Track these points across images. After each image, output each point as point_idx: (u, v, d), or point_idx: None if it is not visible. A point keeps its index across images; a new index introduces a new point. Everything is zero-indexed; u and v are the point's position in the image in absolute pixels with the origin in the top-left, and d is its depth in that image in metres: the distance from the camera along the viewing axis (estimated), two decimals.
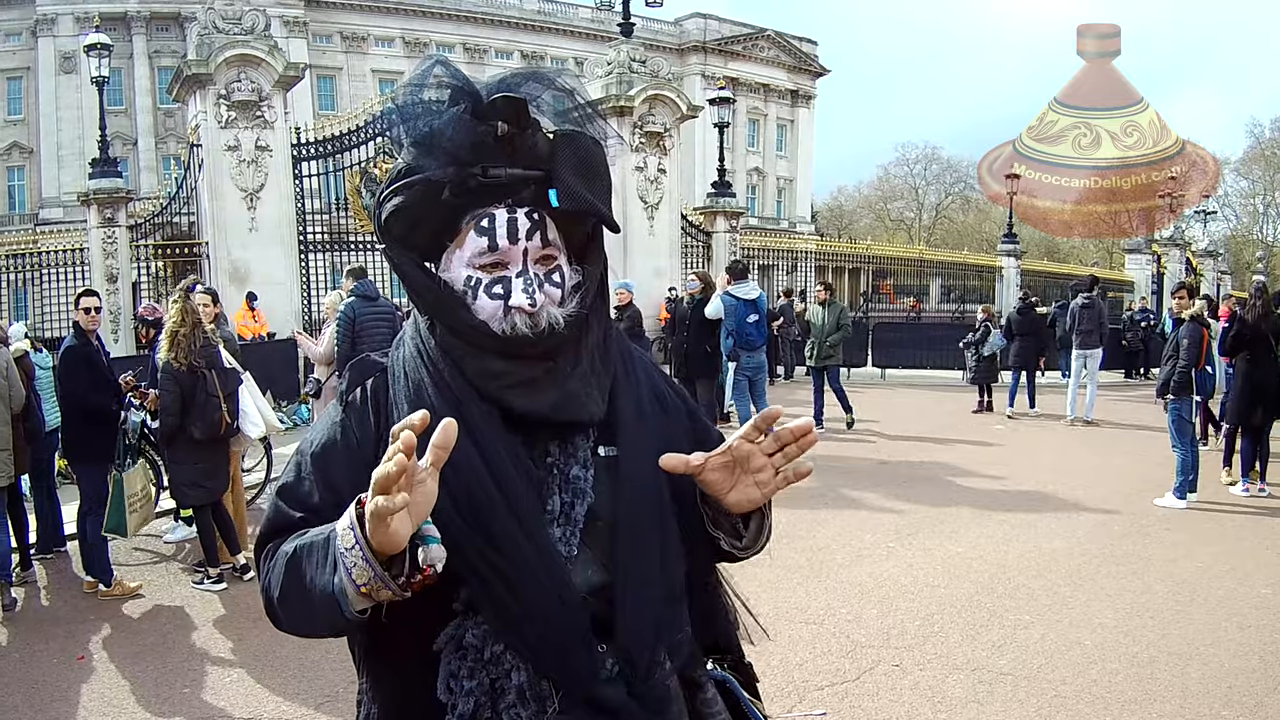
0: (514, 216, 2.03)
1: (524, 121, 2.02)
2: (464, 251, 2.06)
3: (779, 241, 45.20)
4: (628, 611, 2.00)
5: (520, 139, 2.01)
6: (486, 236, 2.03)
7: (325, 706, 6.61)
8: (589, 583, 2.00)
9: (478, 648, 1.92)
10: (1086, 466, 15.29)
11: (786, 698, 6.62)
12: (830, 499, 12.44)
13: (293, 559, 1.94)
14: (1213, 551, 10.34)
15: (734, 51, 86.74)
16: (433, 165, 1.99)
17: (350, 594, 1.78)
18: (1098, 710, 6.48)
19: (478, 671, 1.93)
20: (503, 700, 1.93)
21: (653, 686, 2.03)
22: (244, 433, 9.85)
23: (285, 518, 2.09)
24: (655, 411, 2.25)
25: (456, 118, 1.99)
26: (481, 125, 1.99)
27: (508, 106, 2.00)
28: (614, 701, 1.97)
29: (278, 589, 1.99)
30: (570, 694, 1.95)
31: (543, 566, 1.93)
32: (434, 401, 1.99)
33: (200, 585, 9.37)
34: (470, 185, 1.99)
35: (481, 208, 2.03)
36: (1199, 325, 12.77)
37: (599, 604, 1.99)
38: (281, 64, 23.74)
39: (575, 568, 2.00)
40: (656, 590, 2.05)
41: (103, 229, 23.58)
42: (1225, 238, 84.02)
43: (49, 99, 66.42)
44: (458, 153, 1.97)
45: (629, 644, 1.99)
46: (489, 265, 2.04)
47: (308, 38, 68.89)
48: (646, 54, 30.96)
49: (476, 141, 1.98)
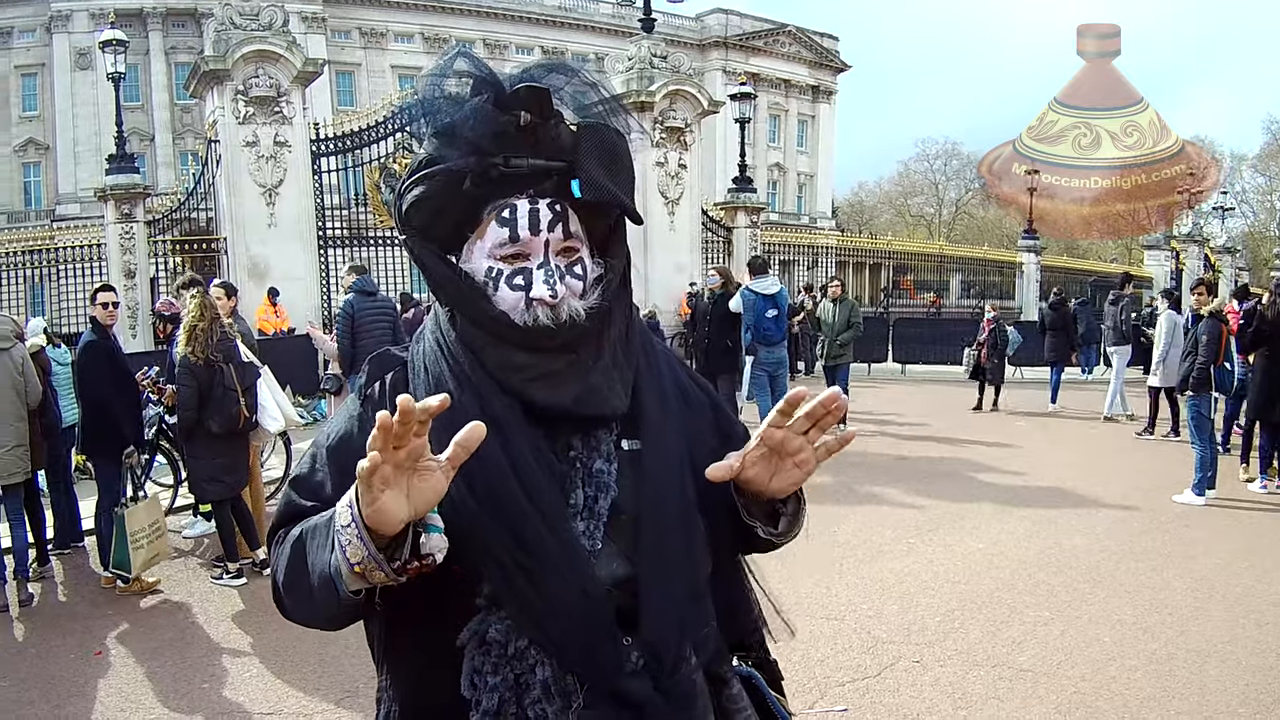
0: (536, 207, 2.01)
1: (547, 112, 2.00)
2: (485, 242, 2.03)
3: (799, 237, 45.25)
4: (653, 606, 1.97)
5: (543, 129, 1.99)
6: (508, 227, 2.00)
7: (345, 702, 6.61)
8: (613, 576, 1.98)
9: (501, 643, 1.90)
10: (1106, 462, 15.29)
11: (808, 694, 6.62)
12: (850, 495, 12.44)
13: (297, 541, 1.95)
14: (1231, 548, 10.32)
15: (755, 47, 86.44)
16: (454, 155, 1.97)
17: (345, 573, 1.76)
18: (1116, 707, 6.47)
19: (501, 667, 1.91)
20: (527, 695, 1.91)
21: (678, 681, 2.00)
22: (262, 427, 9.85)
23: (297, 507, 2.09)
24: (678, 404, 2.23)
25: (479, 107, 1.97)
26: (504, 115, 1.97)
27: (531, 96, 1.98)
28: (639, 696, 1.94)
29: (283, 574, 1.99)
30: (595, 688, 1.92)
31: (566, 560, 1.91)
32: (454, 395, 1.93)
33: (219, 580, 9.39)
34: (492, 175, 1.96)
35: (503, 198, 2.01)
36: (1218, 321, 12.74)
37: (623, 597, 1.96)
38: (300, 60, 23.74)
39: (599, 562, 1.97)
40: (681, 585, 2.03)
41: (120, 224, 23.61)
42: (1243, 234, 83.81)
43: (64, 95, 66.65)
44: (480, 142, 1.95)
45: (654, 638, 1.96)
46: (510, 256, 2.02)
47: (326, 33, 68.81)
48: (667, 49, 30.93)
49: (499, 131, 1.96)
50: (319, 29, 67.81)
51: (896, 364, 30.17)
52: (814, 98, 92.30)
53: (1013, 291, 46.01)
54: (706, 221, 31.53)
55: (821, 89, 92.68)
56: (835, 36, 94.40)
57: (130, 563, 8.95)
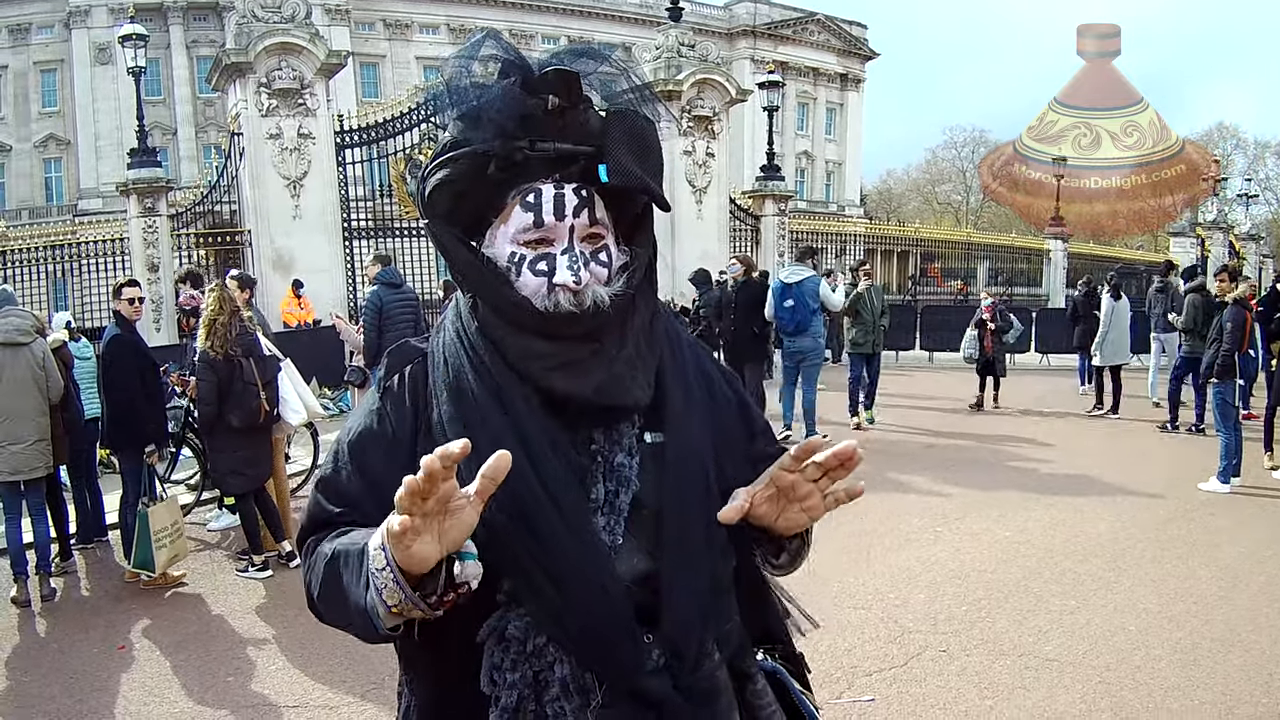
0: (561, 192, 1.99)
1: (575, 96, 1.98)
2: (509, 227, 2.01)
3: (827, 225, 45.10)
4: (674, 601, 1.96)
5: (570, 114, 1.98)
6: (532, 212, 1.98)
7: (371, 694, 6.62)
8: (634, 571, 1.96)
9: (520, 640, 1.89)
10: (1131, 450, 15.26)
11: (835, 684, 6.61)
12: (877, 483, 12.38)
13: (330, 564, 1.93)
14: (1256, 536, 10.30)
15: (783, 35, 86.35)
16: (479, 138, 1.95)
17: (382, 613, 1.75)
18: (1141, 696, 6.45)
19: (521, 664, 1.90)
20: (546, 693, 1.90)
21: (700, 678, 1.99)
22: (285, 420, 9.85)
23: (324, 511, 2.08)
24: (703, 398, 2.21)
25: (506, 89, 1.95)
26: (531, 98, 1.95)
27: (559, 79, 1.96)
28: (659, 693, 1.93)
29: (318, 589, 1.98)
30: (614, 686, 1.91)
31: (585, 557, 1.89)
32: (473, 388, 1.97)
33: (244, 573, 9.41)
34: (517, 159, 1.95)
35: (528, 183, 1.99)
36: (1242, 309, 12.67)
37: (644, 594, 1.95)
38: (323, 52, 23.72)
39: (620, 557, 1.96)
40: (703, 580, 2.01)
41: (143, 218, 23.64)
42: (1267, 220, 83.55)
43: (85, 90, 66.82)
44: (505, 124, 1.93)
45: (675, 635, 1.95)
46: (534, 242, 2.00)
47: (350, 25, 68.88)
48: (695, 38, 30.89)
49: (525, 114, 1.94)
50: (343, 21, 67.85)
51: (924, 351, 30.04)
52: (842, 86, 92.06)
53: (1040, 279, 45.89)
54: (734, 210, 31.43)
55: (850, 77, 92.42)
56: (864, 24, 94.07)
57: (153, 561, 8.96)
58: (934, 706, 6.36)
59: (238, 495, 9.63)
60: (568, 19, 78.69)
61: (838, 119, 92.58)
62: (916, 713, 6.31)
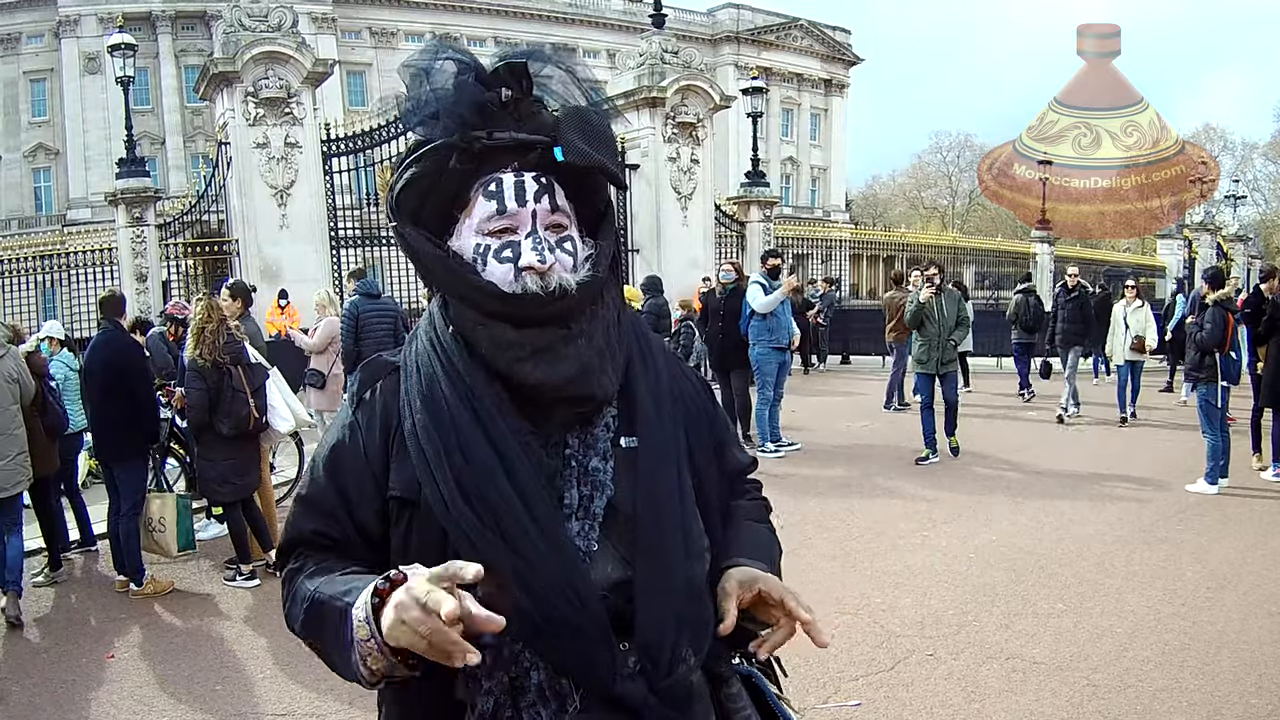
0: (521, 179, 2.05)
1: (527, 86, 2.06)
2: (473, 219, 2.06)
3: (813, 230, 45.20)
4: (649, 607, 1.97)
5: (524, 105, 2.05)
6: (495, 200, 2.04)
7: (358, 702, 6.60)
8: (608, 578, 1.98)
9: (495, 646, 1.88)
10: (1118, 452, 15.32)
11: (821, 689, 6.61)
12: (863, 488, 12.47)
13: (311, 609, 1.97)
14: (1245, 537, 10.34)
15: (767, 41, 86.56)
16: (440, 132, 2.02)
17: (365, 674, 1.80)
18: (1129, 699, 6.47)
19: (496, 670, 1.91)
20: (522, 699, 1.92)
21: (675, 683, 2.00)
22: (273, 427, 9.86)
23: (300, 531, 2.14)
24: (675, 400, 2.23)
25: (460, 83, 2.03)
26: (486, 91, 2.02)
27: (509, 72, 2.05)
28: (635, 699, 1.93)
29: (299, 629, 2.03)
30: (591, 692, 1.92)
31: (558, 564, 1.90)
32: (446, 394, 1.99)
33: (232, 582, 9.41)
34: (476, 149, 2.01)
35: (489, 174, 2.05)
36: (1224, 310, 12.69)
37: (619, 600, 1.96)
38: (310, 60, 23.83)
39: (594, 563, 1.97)
40: (679, 585, 2.02)
41: (131, 228, 23.64)
42: (1255, 222, 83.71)
43: (74, 100, 66.84)
44: (463, 115, 2.00)
45: (650, 640, 1.96)
46: (498, 231, 2.05)
47: (336, 34, 69.06)
48: (679, 45, 30.98)
49: (481, 103, 2.01)
50: (329, 29, 67.95)
51: None
52: (827, 91, 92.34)
53: None
54: (720, 216, 31.52)
55: (834, 82, 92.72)
56: (848, 30, 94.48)
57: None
58: (921, 711, 6.37)
59: (227, 504, 9.62)
60: (553, 26, 78.73)
61: (822, 124, 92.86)
62: (903, 717, 6.32)
